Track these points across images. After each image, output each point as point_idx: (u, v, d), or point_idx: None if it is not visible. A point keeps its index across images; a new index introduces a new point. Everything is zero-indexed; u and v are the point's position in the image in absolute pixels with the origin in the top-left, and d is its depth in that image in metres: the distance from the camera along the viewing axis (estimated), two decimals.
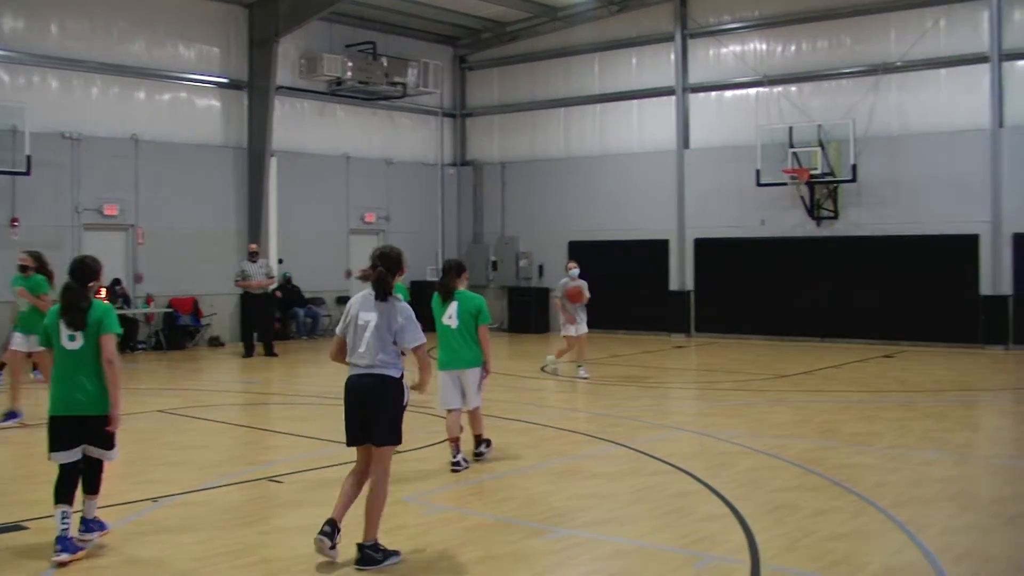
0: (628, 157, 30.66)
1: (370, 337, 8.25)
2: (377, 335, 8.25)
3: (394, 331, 8.28)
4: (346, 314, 8.50)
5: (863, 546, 8.39)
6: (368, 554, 7.96)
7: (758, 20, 28.37)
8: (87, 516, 8.40)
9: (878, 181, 26.07)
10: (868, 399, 17.04)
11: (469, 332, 11.59)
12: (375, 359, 8.21)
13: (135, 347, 25.25)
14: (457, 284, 11.62)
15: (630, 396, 17.70)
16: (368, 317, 8.31)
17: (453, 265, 11.81)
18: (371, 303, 8.36)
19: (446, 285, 11.62)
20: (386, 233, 31.93)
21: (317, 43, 29.54)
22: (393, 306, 8.34)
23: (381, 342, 8.25)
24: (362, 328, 8.30)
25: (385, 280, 8.34)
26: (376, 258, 8.49)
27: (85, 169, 24.85)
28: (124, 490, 10.27)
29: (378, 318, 8.28)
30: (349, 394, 8.37)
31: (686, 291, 29.37)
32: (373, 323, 8.26)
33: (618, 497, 10.16)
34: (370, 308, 8.35)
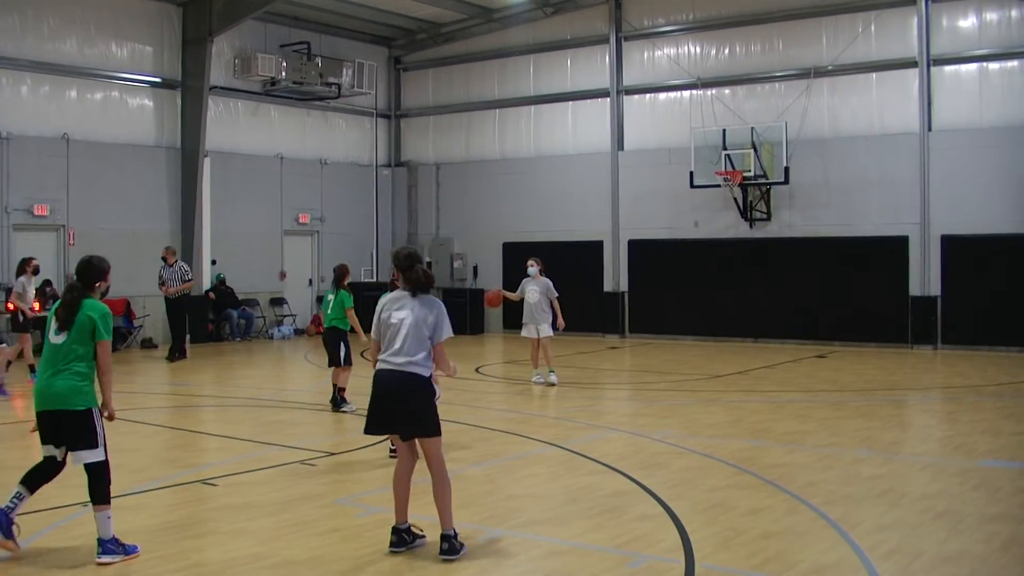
0: (563, 159, 30.75)
1: (407, 334, 8.50)
2: (416, 331, 8.50)
3: (431, 324, 8.55)
4: (377, 316, 8.76)
5: (795, 544, 8.48)
6: (452, 544, 8.24)
7: (692, 23, 28.56)
8: (101, 536, 8.11)
9: (810, 183, 26.35)
10: (800, 399, 17.22)
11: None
12: (413, 356, 8.48)
13: None
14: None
15: (564, 397, 17.75)
16: (401, 315, 8.57)
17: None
18: (404, 301, 8.64)
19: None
20: (320, 234, 31.81)
21: (251, 43, 29.38)
22: (430, 302, 8.66)
23: (419, 338, 8.51)
24: (395, 326, 8.56)
25: (422, 277, 8.63)
26: (404, 259, 8.78)
27: (15, 169, 24.53)
28: (53, 494, 10.13)
29: (414, 314, 8.53)
30: (379, 387, 8.56)
31: (620, 292, 29.51)
32: (410, 320, 8.51)
33: (552, 498, 10.19)
34: (403, 306, 8.61)
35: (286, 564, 7.99)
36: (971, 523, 9.17)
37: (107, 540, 8.08)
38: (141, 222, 26.93)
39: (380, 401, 8.54)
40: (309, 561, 8.07)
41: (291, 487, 10.69)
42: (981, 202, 24.50)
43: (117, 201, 26.42)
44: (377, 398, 8.55)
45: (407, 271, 8.54)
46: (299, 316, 30.87)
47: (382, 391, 8.52)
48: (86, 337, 8.24)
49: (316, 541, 8.60)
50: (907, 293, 25.31)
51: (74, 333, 8.21)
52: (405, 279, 8.61)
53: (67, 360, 8.19)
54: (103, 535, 8.10)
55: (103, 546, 8.06)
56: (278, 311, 30.59)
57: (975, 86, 24.95)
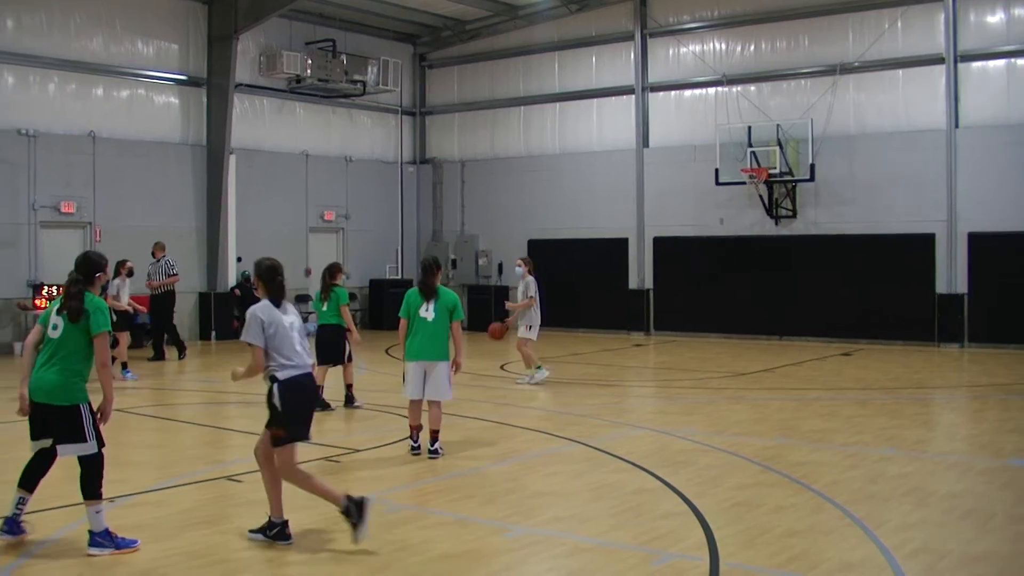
0: (587, 156, 30.71)
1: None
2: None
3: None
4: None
5: (820, 542, 8.45)
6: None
7: (717, 20, 28.49)
8: (92, 528, 8.18)
9: (835, 180, 26.26)
10: (825, 397, 17.16)
11: (444, 327, 11.90)
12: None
13: None
14: (436, 280, 12.06)
15: (589, 394, 17.73)
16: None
17: (433, 262, 12.22)
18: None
19: (430, 284, 11.99)
20: (345, 231, 31.86)
21: (276, 40, 29.44)
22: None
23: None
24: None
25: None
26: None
27: (41, 166, 24.65)
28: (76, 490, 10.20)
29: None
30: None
31: (645, 289, 29.46)
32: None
33: (577, 495, 10.19)
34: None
35: (311, 561, 8.02)
36: (998, 523, 9.12)
37: (97, 533, 8.15)
38: (167, 219, 27.01)
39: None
40: (334, 557, 8.10)
41: None
42: (1008, 199, 24.35)
43: (143, 198, 26.52)
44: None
45: (269, 283, 8.88)
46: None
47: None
48: (82, 332, 8.23)
49: (341, 538, 8.61)
50: (933, 291, 25.19)
51: (71, 328, 8.21)
52: (267, 290, 8.93)
53: (61, 354, 8.20)
54: (94, 528, 8.16)
55: (93, 538, 8.14)
56: (303, 308, 30.64)
57: (1002, 82, 24.80)
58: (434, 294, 11.93)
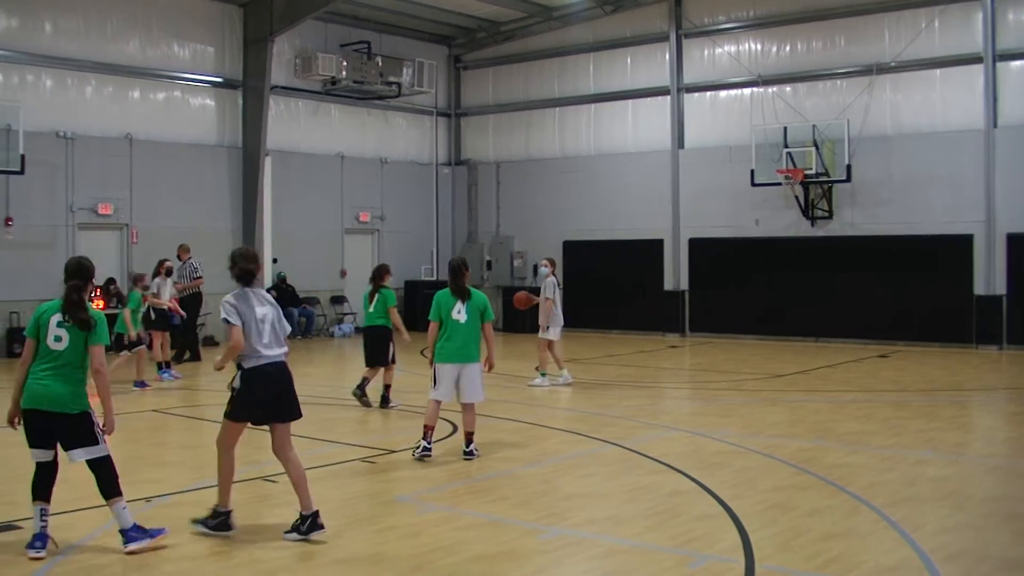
0: (623, 157, 30.67)
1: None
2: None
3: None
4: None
5: (857, 545, 8.39)
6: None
7: (753, 20, 28.39)
8: (122, 527, 8.24)
9: (872, 181, 26.11)
10: (862, 399, 17.06)
11: (475, 328, 11.94)
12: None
13: (130, 347, 25.15)
14: (466, 281, 12.16)
15: (624, 396, 17.70)
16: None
17: (461, 263, 12.27)
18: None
19: (461, 285, 12.01)
20: (381, 233, 31.94)
21: (312, 42, 29.55)
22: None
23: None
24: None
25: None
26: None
27: (79, 168, 24.83)
28: None
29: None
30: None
31: (680, 291, 29.38)
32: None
33: (612, 497, 10.16)
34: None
35: (347, 561, 8.03)
36: None
37: (129, 529, 8.22)
38: (203, 221, 27.14)
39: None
40: (370, 558, 8.11)
41: (351, 484, 10.75)
42: None
43: (179, 200, 26.67)
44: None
45: (231, 268, 9.39)
46: (359, 314, 30.93)
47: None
48: (81, 341, 8.26)
49: (375, 538, 8.63)
50: (971, 292, 25.00)
51: (73, 339, 8.22)
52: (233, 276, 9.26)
53: (66, 364, 8.22)
54: (124, 525, 8.23)
55: (127, 535, 8.19)
56: (338, 309, 30.75)
57: None
58: (465, 295, 11.94)
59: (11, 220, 23.64)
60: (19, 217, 23.78)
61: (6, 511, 9.33)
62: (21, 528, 8.83)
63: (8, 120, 22.79)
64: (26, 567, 7.84)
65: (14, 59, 24.00)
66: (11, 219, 23.64)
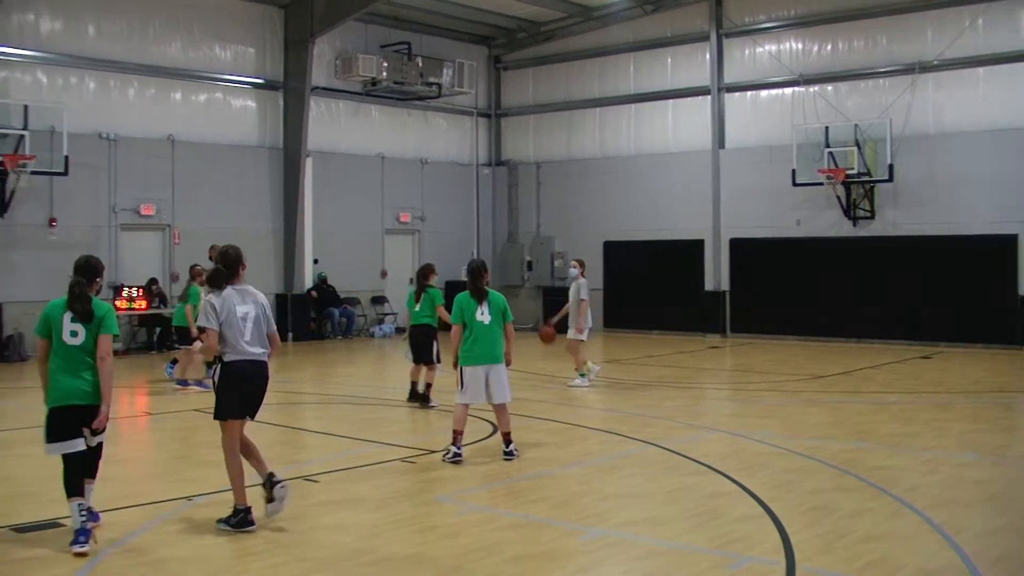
0: (663, 157, 30.60)
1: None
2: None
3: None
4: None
5: (899, 548, 8.33)
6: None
7: (794, 19, 28.24)
8: (89, 504, 8.60)
9: (915, 181, 25.92)
10: (904, 400, 16.93)
11: (499, 329, 11.97)
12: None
13: (172, 346, 25.34)
14: (486, 283, 12.21)
15: (664, 396, 17.65)
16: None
17: (481, 265, 12.27)
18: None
19: (481, 287, 12.01)
20: (421, 233, 32.00)
21: (352, 43, 29.64)
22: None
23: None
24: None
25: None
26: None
27: (122, 169, 25.03)
28: (159, 489, 10.35)
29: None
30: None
31: (721, 291, 29.28)
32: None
33: (652, 497, 10.14)
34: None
35: (386, 560, 8.05)
36: None
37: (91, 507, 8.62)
38: (244, 221, 27.29)
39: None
40: (409, 558, 8.12)
41: (391, 484, 10.77)
42: None
43: (221, 201, 26.82)
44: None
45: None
46: (400, 314, 31.05)
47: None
48: (94, 334, 8.56)
49: (416, 538, 8.65)
50: (1016, 292, 24.77)
51: (89, 332, 8.52)
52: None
53: (86, 360, 8.54)
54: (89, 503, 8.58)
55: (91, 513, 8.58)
56: (379, 309, 30.83)
57: None
58: (484, 296, 11.98)
59: (55, 221, 23.85)
60: (62, 218, 23.98)
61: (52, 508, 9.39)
62: (66, 526, 8.91)
63: (52, 122, 22.98)
64: (71, 563, 7.90)
65: (58, 62, 24.23)
66: (55, 220, 23.85)
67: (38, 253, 23.14)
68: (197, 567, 7.89)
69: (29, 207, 23.55)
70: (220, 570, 7.85)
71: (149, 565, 7.97)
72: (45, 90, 23.96)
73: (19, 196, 22.94)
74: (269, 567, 7.88)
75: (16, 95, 23.26)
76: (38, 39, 23.99)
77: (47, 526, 8.96)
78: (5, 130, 22.44)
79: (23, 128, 22.44)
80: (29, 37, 23.83)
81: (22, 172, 22.30)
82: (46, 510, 9.36)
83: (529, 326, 30.37)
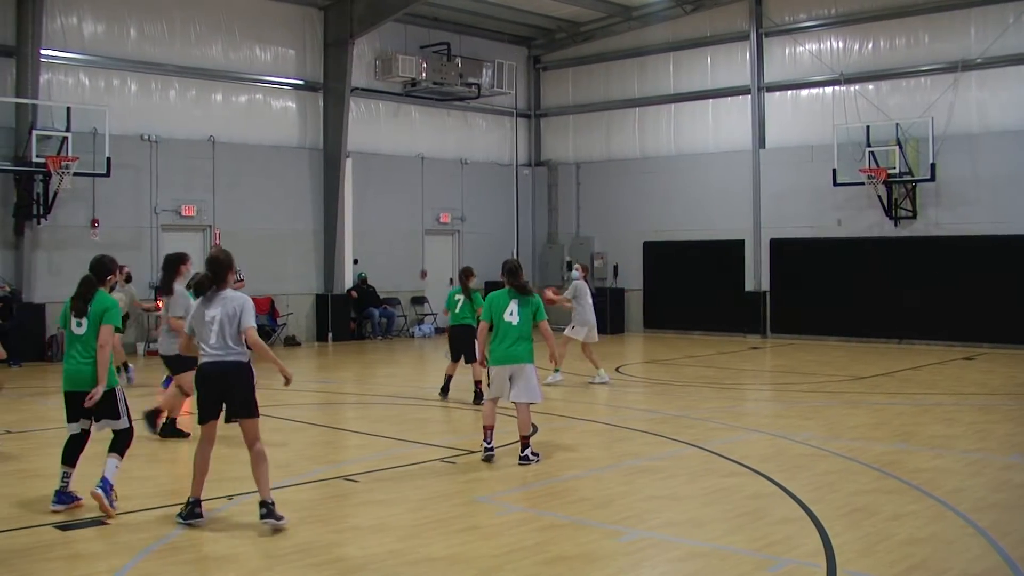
0: (703, 157, 30.50)
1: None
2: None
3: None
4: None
5: (942, 551, 8.26)
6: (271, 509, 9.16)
7: (834, 18, 28.08)
8: (106, 473, 9.33)
9: (958, 180, 25.72)
10: (947, 402, 16.80)
11: (527, 329, 11.92)
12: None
13: None
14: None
15: (705, 397, 17.60)
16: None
17: (518, 265, 12.38)
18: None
19: (522, 284, 12.07)
20: (461, 234, 32.03)
21: (392, 44, 29.71)
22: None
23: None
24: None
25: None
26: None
27: (163, 171, 25.20)
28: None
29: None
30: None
31: (762, 292, 29.15)
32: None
33: (692, 499, 10.10)
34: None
35: (425, 561, 8.05)
36: None
37: (108, 480, 9.29)
38: (284, 222, 27.42)
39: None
40: (448, 559, 8.12)
41: (431, 484, 10.78)
42: None
43: (261, 201, 26.95)
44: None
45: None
46: (440, 315, 31.12)
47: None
48: (96, 326, 9.45)
49: (455, 539, 8.65)
50: None
51: (92, 323, 9.45)
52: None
53: (92, 348, 9.42)
54: (108, 474, 9.32)
55: (103, 480, 9.27)
56: (419, 310, 30.88)
57: None
58: (529, 295, 12.03)
59: (97, 222, 24.03)
60: (105, 219, 24.17)
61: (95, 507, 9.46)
62: (109, 524, 8.97)
63: (95, 124, 23.18)
64: (113, 560, 7.95)
65: (101, 64, 24.44)
66: (97, 221, 24.03)
67: (80, 254, 23.11)
68: (236, 566, 7.93)
69: (72, 208, 23.75)
70: (258, 569, 7.87)
71: (189, 563, 8.02)
72: (88, 92, 24.17)
73: (62, 197, 23.12)
74: (309, 566, 7.90)
75: (59, 97, 23.47)
76: (81, 42, 24.18)
77: (90, 524, 9.03)
78: (48, 132, 22.67)
79: (66, 130, 22.65)
80: (72, 40, 24.02)
81: (65, 174, 22.48)
82: (89, 509, 9.43)
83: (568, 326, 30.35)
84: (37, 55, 23.00)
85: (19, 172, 22.64)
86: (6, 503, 9.88)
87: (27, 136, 22.37)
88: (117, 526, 8.95)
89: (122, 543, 8.49)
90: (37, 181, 22.87)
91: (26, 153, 22.37)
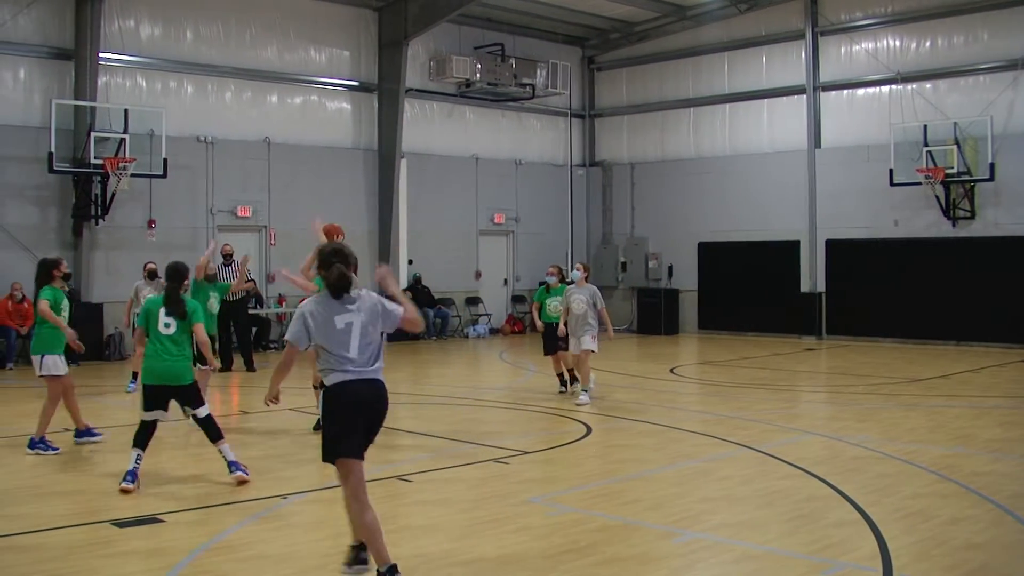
0: (758, 157, 30.33)
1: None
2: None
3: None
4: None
5: (1001, 557, 8.16)
6: None
7: (891, 16, 27.82)
8: (227, 458, 10.68)
9: (1018, 180, 25.40)
10: (1006, 405, 16.62)
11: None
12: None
13: (267, 346, 25.69)
14: None
15: (760, 399, 17.51)
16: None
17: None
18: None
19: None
20: (515, 234, 32.05)
21: (446, 45, 29.77)
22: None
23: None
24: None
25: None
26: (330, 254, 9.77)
27: (219, 172, 25.40)
28: (255, 486, 10.45)
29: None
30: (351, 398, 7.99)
31: (817, 293, 28.93)
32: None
33: (747, 501, 10.04)
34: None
35: (477, 561, 8.05)
36: None
37: (232, 461, 10.65)
38: (339, 222, 27.21)
39: (356, 413, 8.05)
40: (500, 559, 8.12)
41: (484, 485, 10.79)
42: None
43: (316, 202, 26.99)
44: (351, 409, 8.01)
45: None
46: (494, 315, 31.15)
47: (355, 401, 8.00)
48: (186, 325, 10.82)
49: (507, 539, 8.64)
50: None
51: (181, 324, 10.76)
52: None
53: (178, 346, 10.76)
54: (228, 458, 10.68)
55: (232, 465, 10.63)
56: (473, 310, 30.93)
57: None
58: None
59: (154, 223, 24.25)
60: (161, 220, 24.39)
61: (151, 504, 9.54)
62: (164, 521, 9.05)
63: (152, 125, 23.37)
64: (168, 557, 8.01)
65: (157, 66, 24.65)
66: (154, 222, 24.26)
67: (137, 254, 23.48)
68: (290, 564, 7.97)
69: (129, 209, 24.00)
70: (312, 567, 7.91)
71: (243, 561, 8.06)
72: (145, 94, 24.39)
73: (119, 198, 23.36)
74: None
75: (117, 99, 23.71)
76: (138, 45, 24.40)
77: (146, 521, 9.11)
78: (106, 134, 22.90)
79: (124, 132, 22.89)
80: (130, 43, 24.24)
81: (122, 175, 22.69)
82: (147, 505, 9.52)
83: (624, 327, 30.34)
84: (95, 58, 23.23)
85: (78, 174, 22.88)
86: (65, 500, 10.01)
87: (85, 138, 22.60)
88: (173, 524, 9.03)
89: (178, 540, 8.57)
90: (95, 182, 23.11)
91: (84, 155, 22.62)
